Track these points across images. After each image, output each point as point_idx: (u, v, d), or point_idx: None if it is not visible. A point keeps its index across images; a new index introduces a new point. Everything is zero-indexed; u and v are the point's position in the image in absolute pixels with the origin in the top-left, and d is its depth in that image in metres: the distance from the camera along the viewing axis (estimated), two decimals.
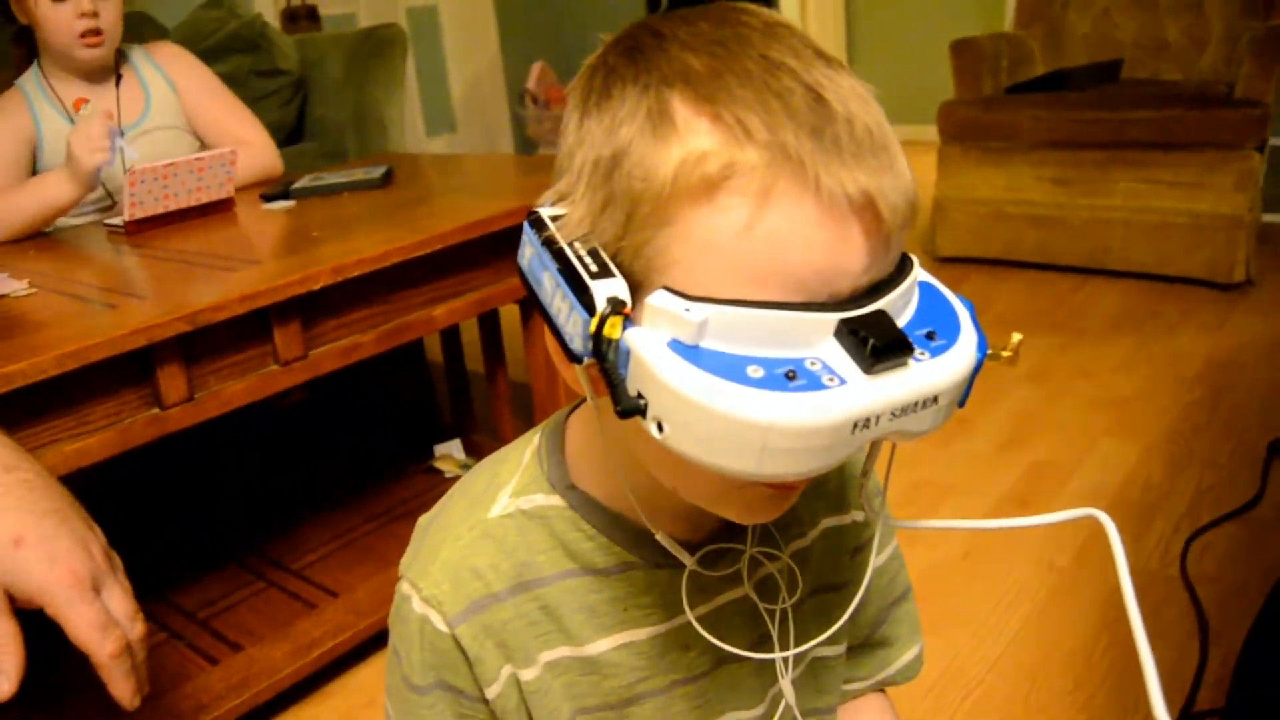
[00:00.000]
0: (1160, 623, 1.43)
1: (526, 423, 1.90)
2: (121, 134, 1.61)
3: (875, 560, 0.72)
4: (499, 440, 1.92)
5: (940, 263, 3.12)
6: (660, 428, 0.43)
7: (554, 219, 0.49)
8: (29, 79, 1.77)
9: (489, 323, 1.92)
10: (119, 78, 1.79)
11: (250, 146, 1.88)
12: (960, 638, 1.44)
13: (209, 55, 2.26)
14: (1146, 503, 1.74)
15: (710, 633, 0.60)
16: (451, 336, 2.10)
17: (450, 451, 1.96)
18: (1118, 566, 0.46)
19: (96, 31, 1.70)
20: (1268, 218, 3.07)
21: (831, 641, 0.68)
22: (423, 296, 1.43)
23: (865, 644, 0.75)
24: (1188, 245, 2.70)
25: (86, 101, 1.75)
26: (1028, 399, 2.17)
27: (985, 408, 2.13)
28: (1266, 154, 2.69)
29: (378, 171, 1.80)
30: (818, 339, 0.43)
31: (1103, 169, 2.79)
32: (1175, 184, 2.68)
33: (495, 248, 1.49)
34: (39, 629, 0.71)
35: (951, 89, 3.18)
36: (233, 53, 2.42)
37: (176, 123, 1.85)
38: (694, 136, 0.44)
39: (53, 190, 1.61)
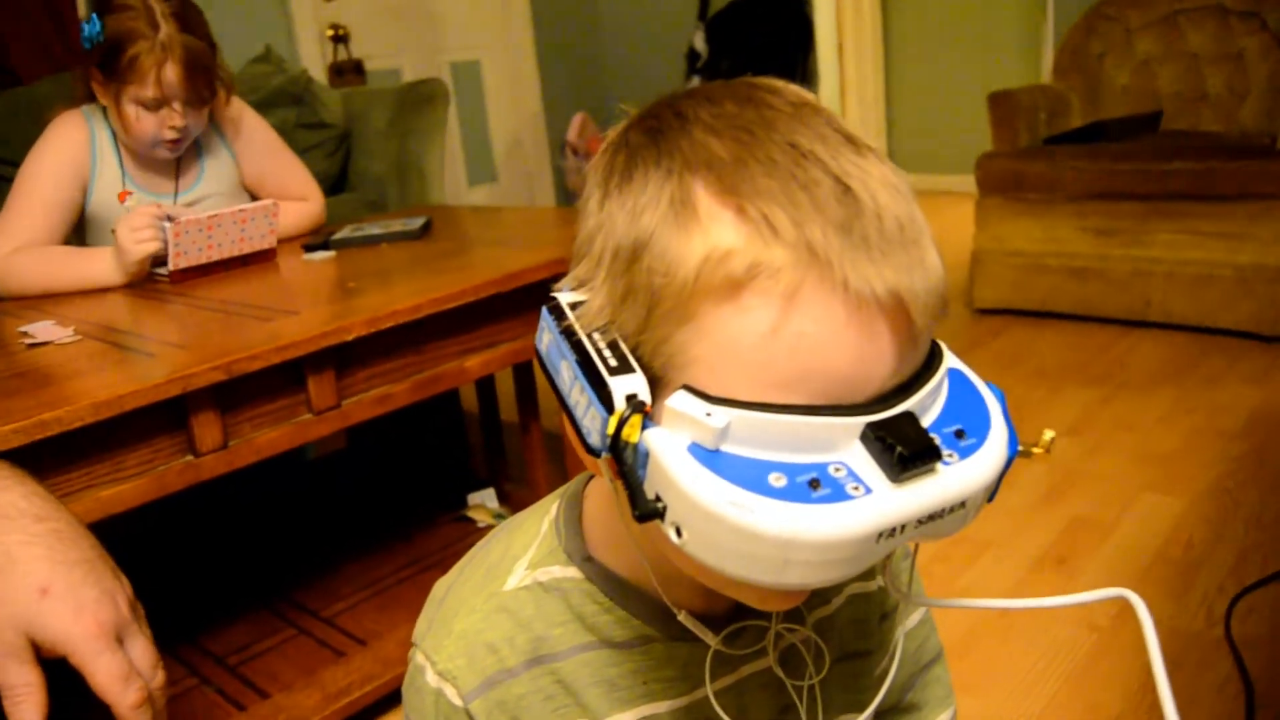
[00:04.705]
0: (1204, 686, 1.39)
1: (559, 472, 1.90)
2: (169, 219, 1.61)
3: (904, 626, 0.71)
4: (532, 490, 1.92)
5: (979, 314, 3.09)
6: (679, 532, 0.42)
7: (573, 306, 0.48)
8: (97, 115, 1.73)
9: (523, 373, 1.94)
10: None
11: (309, 204, 1.93)
12: (999, 697, 1.41)
13: (256, 109, 2.32)
14: (1189, 561, 1.70)
15: (734, 704, 0.59)
16: (486, 386, 2.11)
17: (483, 501, 1.97)
18: (1149, 649, 0.43)
19: (179, 139, 1.70)
20: None
21: (859, 711, 0.67)
22: (456, 347, 1.44)
23: (896, 709, 0.73)
24: (1230, 297, 2.66)
25: (130, 194, 1.74)
26: (1067, 453, 2.14)
27: (1024, 461, 2.10)
28: None
29: (416, 223, 1.83)
30: (843, 443, 0.42)
31: (1143, 220, 2.76)
32: (1217, 235, 2.65)
33: (529, 300, 1.50)
34: (62, 678, 0.72)
35: (990, 140, 3.18)
36: (279, 106, 2.48)
37: (226, 189, 1.85)
38: (718, 229, 0.42)
39: (97, 273, 1.61)
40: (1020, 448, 0.52)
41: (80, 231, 1.75)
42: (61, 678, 0.72)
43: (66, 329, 1.36)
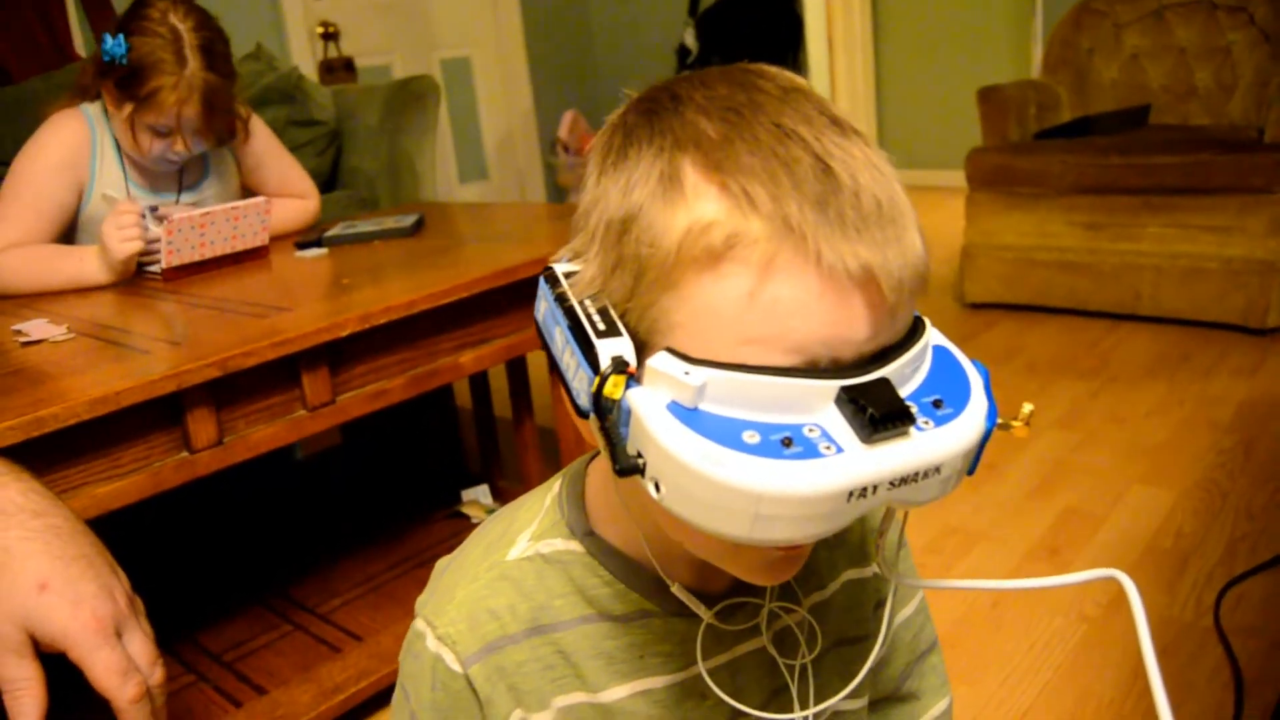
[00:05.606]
0: (1194, 675, 1.41)
1: (553, 468, 1.89)
2: (155, 208, 1.59)
3: (900, 614, 0.72)
4: (526, 486, 1.92)
5: (969, 309, 3.11)
6: (657, 488, 0.44)
7: (567, 275, 0.50)
8: (97, 115, 1.70)
9: (517, 369, 1.94)
10: None
11: (308, 202, 1.95)
12: (990, 687, 1.42)
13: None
14: (1179, 551, 1.71)
15: (729, 683, 0.60)
16: (479, 382, 2.11)
17: (477, 497, 1.97)
18: (1139, 631, 0.44)
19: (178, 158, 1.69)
20: None
21: (852, 696, 0.68)
22: (450, 343, 1.45)
23: (892, 698, 0.75)
24: (1220, 290, 2.67)
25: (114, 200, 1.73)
26: (1058, 445, 2.15)
27: (1015, 454, 2.11)
28: None
29: (409, 220, 1.83)
30: (818, 405, 0.43)
31: (1133, 214, 2.78)
32: (1206, 229, 2.67)
33: (523, 295, 1.51)
34: (62, 672, 0.73)
35: (979, 135, 3.19)
36: (270, 104, 2.47)
37: (226, 191, 1.85)
38: (701, 204, 0.44)
39: (84, 272, 1.60)
40: (1000, 420, 0.53)
41: (71, 233, 1.74)
42: (61, 672, 0.72)
43: (60, 327, 1.36)
